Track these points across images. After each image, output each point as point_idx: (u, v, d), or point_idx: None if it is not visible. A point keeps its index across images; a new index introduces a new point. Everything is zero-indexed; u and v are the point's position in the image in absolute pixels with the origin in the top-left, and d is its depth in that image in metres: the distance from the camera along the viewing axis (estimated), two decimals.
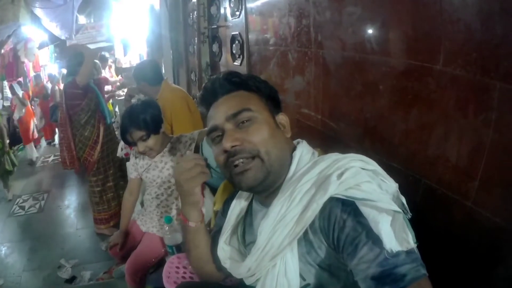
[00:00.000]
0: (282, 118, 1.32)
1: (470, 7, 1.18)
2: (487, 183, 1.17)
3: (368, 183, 1.05)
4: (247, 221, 1.42)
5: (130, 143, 2.54)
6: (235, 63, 3.44)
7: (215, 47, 4.23)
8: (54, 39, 11.30)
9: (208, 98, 1.33)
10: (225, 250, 1.38)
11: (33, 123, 9.31)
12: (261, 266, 1.17)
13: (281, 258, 1.13)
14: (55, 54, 12.49)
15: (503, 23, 1.08)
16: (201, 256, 1.51)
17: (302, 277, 1.15)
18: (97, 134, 4.55)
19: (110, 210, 4.74)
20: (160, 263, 2.79)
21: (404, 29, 1.47)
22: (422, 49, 1.38)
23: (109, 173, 4.71)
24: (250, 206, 1.41)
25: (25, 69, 10.63)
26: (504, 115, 1.10)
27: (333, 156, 1.16)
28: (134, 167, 2.80)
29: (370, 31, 1.67)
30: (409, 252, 0.93)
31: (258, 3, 2.90)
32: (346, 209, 1.03)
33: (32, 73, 11.04)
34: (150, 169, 2.69)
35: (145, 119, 2.44)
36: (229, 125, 1.22)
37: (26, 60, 10.70)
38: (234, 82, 1.30)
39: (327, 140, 2.03)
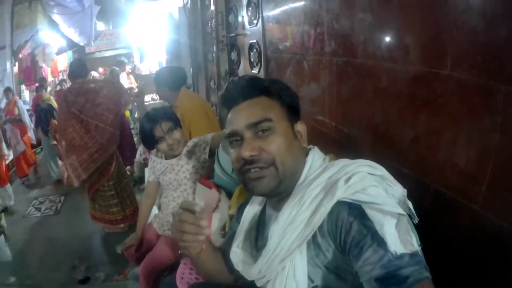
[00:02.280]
0: (300, 127, 1.34)
1: (474, 11, 1.19)
2: (494, 187, 1.17)
3: (374, 187, 1.08)
4: (260, 226, 1.44)
5: (155, 142, 2.58)
6: (253, 71, 3.45)
7: (233, 55, 4.25)
8: (72, 45, 11.45)
9: (229, 100, 1.34)
10: (237, 254, 1.40)
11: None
12: (271, 268, 1.19)
13: (290, 260, 1.16)
14: None
15: (507, 26, 1.09)
16: (208, 273, 1.55)
17: (310, 279, 1.17)
18: None
19: (133, 205, 4.86)
20: (174, 266, 2.82)
21: (413, 36, 1.49)
22: (430, 54, 1.39)
23: (124, 171, 4.91)
24: (263, 211, 1.44)
25: (43, 74, 10.75)
26: (509, 118, 1.11)
27: (342, 161, 1.19)
28: (152, 170, 2.83)
29: (380, 38, 1.68)
30: (413, 255, 0.95)
31: (274, 12, 2.92)
32: (352, 212, 1.05)
33: (50, 78, 11.15)
34: (166, 172, 2.72)
35: (170, 112, 2.65)
36: (249, 133, 1.24)
37: (44, 65, 10.83)
38: (257, 88, 1.32)
39: (341, 146, 2.04)
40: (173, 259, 2.71)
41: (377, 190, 1.07)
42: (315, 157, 1.29)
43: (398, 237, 0.97)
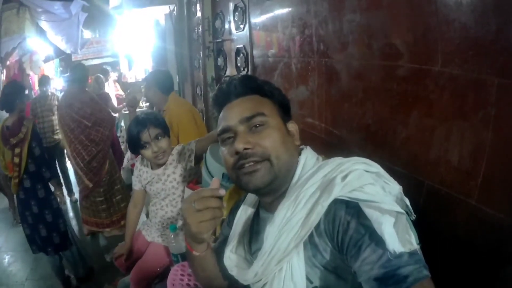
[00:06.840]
0: (292, 126, 1.33)
1: (464, 6, 1.20)
2: (490, 180, 1.18)
3: (371, 185, 1.06)
4: (253, 230, 1.42)
5: (140, 146, 2.51)
6: None
7: (220, 61, 4.26)
8: (59, 53, 11.37)
9: (222, 98, 1.34)
10: (231, 258, 1.38)
11: None
12: (267, 270, 1.17)
13: (287, 261, 1.14)
14: (61, 68, 12.53)
15: (496, 19, 1.10)
16: (209, 275, 1.51)
17: (309, 280, 1.15)
18: None
19: (121, 211, 4.83)
20: (165, 274, 2.78)
21: (402, 34, 1.50)
22: (421, 51, 1.40)
23: (116, 177, 4.85)
24: (256, 214, 1.42)
25: (30, 82, 10.65)
26: (502, 110, 1.11)
27: (337, 160, 1.18)
28: (138, 179, 2.80)
29: (369, 37, 1.69)
30: (412, 253, 0.94)
31: (261, 16, 2.93)
32: (350, 211, 1.04)
33: (37, 86, 11.06)
34: (153, 182, 2.69)
35: (160, 119, 2.58)
36: (242, 128, 1.23)
37: (31, 73, 10.74)
38: (250, 86, 1.32)
39: (331, 148, 2.05)
40: (164, 266, 2.69)
41: (375, 188, 1.06)
42: (308, 157, 1.28)
43: (397, 235, 0.95)
